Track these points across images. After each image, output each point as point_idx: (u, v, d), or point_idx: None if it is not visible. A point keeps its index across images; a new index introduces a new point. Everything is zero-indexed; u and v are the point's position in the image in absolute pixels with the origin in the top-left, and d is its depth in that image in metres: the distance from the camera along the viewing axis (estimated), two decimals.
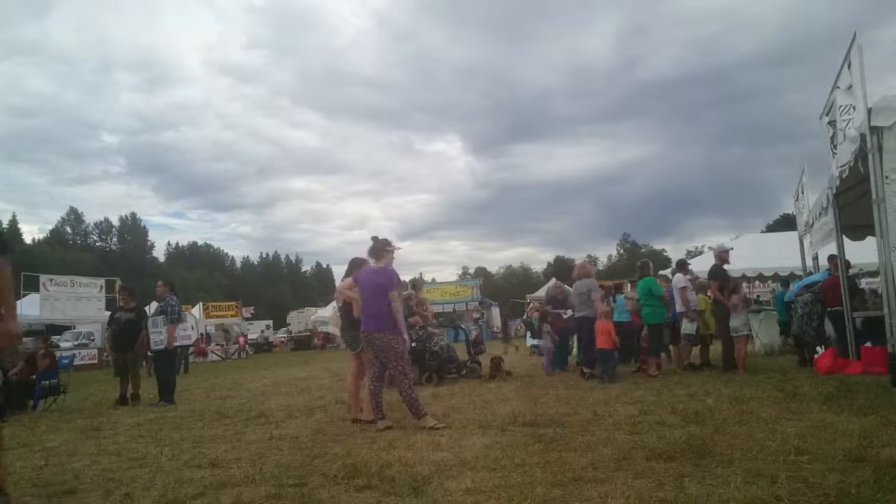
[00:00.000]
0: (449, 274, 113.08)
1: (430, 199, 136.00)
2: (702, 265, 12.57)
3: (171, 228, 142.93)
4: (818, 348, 8.72)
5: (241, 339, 28.75)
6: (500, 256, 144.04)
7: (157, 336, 9.06)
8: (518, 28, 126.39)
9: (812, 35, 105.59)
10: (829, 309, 8.69)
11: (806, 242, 12.18)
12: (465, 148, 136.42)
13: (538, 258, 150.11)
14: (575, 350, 11.28)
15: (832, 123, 7.56)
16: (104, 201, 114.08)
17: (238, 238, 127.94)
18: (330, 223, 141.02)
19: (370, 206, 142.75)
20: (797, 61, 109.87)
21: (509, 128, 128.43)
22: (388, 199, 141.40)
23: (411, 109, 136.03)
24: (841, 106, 6.93)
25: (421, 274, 77.15)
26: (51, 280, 20.00)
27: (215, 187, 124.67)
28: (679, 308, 9.60)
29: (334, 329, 7.02)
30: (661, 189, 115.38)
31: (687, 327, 9.47)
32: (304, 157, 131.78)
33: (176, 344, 9.37)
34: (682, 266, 10.14)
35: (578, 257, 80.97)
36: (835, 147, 7.52)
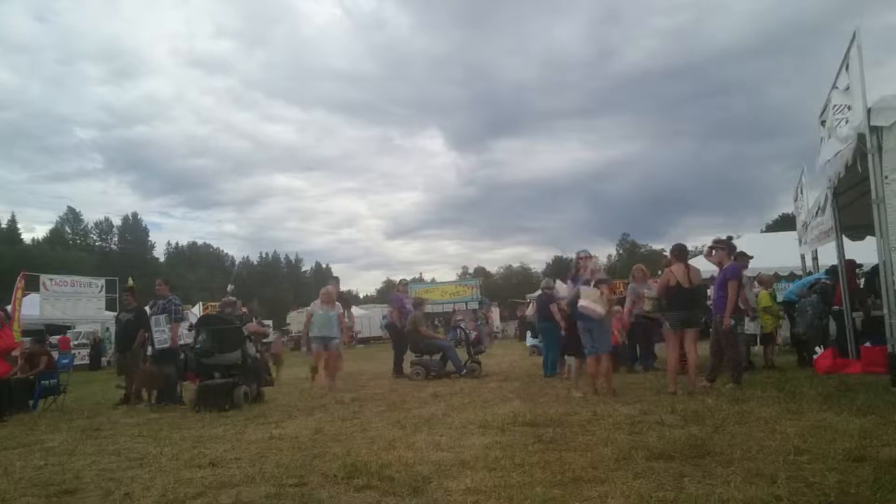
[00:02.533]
0: (444, 273, 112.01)
1: (417, 197, 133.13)
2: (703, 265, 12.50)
3: (156, 226, 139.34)
4: (817, 348, 8.72)
5: None
6: (492, 256, 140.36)
7: (161, 335, 9.01)
8: (485, 13, 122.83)
9: (795, 23, 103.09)
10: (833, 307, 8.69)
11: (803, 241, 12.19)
12: (446, 143, 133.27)
13: (532, 258, 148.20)
14: None
15: (824, 123, 7.58)
16: (84, 199, 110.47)
17: (226, 237, 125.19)
18: (317, 221, 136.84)
19: (357, 203, 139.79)
20: (777, 52, 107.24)
21: (488, 122, 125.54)
22: (375, 197, 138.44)
23: (387, 103, 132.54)
24: (835, 105, 6.94)
25: (421, 274, 77.23)
26: (51, 280, 19.99)
27: (195, 184, 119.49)
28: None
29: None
30: (649, 187, 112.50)
31: (749, 326, 8.99)
32: (282, 153, 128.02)
33: (179, 343, 9.32)
34: (740, 259, 9.23)
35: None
36: (821, 145, 7.56)
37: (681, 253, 7.43)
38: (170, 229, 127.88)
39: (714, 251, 7.57)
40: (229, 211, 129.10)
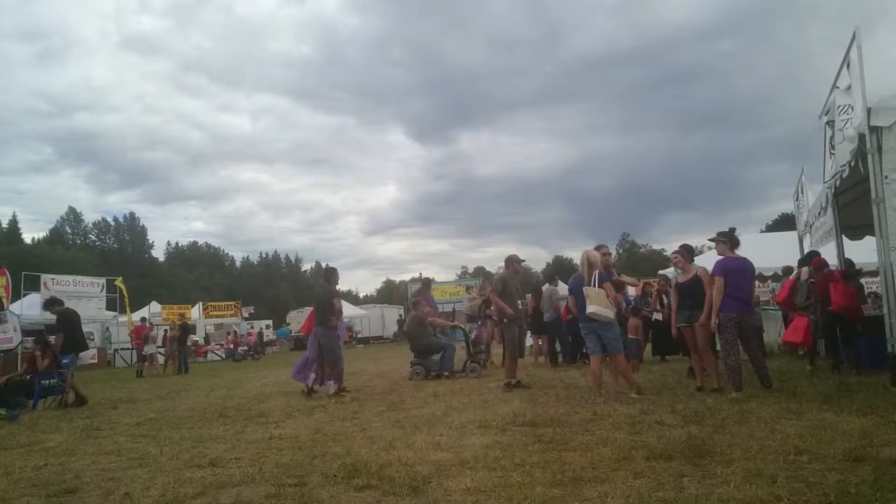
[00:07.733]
0: (435, 272, 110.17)
1: (391, 193, 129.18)
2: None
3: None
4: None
5: (231, 338, 28.51)
6: (480, 255, 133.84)
7: None
8: None
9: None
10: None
11: (806, 242, 12.19)
12: (407, 134, 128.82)
13: (521, 256, 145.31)
14: None
15: (830, 123, 7.57)
16: (39, 195, 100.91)
17: (204, 236, 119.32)
18: (291, 218, 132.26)
19: (330, 198, 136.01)
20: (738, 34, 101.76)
21: (446, 111, 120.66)
22: (348, 192, 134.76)
23: (328, 89, 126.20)
24: (840, 106, 6.94)
25: (420, 273, 77.21)
26: (52, 279, 20.00)
27: (154, 178, 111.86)
28: None
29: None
30: (625, 184, 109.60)
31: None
32: (240, 145, 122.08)
33: None
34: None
35: (575, 256, 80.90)
36: (833, 147, 7.54)
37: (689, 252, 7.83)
38: (151, 229, 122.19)
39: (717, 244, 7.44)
40: (193, 207, 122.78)
